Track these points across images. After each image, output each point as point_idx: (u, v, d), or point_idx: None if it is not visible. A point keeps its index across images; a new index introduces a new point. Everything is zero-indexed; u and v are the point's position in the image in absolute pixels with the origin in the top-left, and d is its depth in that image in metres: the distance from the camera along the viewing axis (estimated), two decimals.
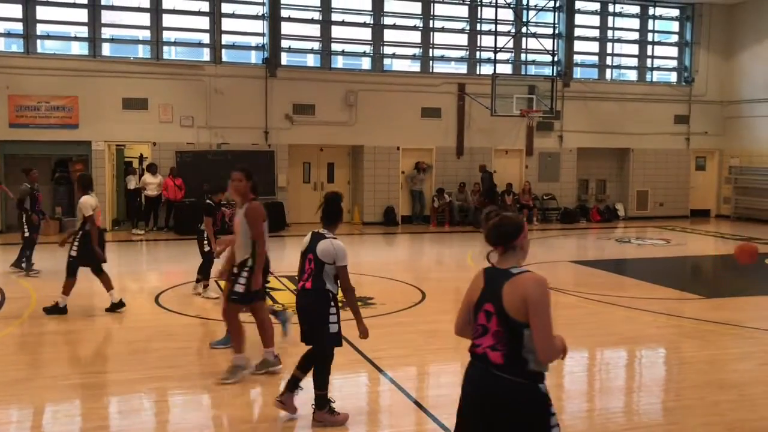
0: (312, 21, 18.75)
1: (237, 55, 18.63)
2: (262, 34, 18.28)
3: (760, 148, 20.60)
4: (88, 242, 8.56)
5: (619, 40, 21.53)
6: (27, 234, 11.17)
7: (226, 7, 17.94)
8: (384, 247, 16.41)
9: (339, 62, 19.50)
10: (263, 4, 18.13)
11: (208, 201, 9.47)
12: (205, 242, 9.54)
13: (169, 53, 18.40)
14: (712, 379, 6.51)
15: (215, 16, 17.78)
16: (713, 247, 16.52)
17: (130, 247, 15.34)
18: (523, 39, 20.03)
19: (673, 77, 22.06)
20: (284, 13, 18.33)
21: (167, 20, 17.61)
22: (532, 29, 19.87)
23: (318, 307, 5.36)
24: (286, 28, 18.42)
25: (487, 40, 19.73)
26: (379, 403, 5.98)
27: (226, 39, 18.11)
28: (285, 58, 18.67)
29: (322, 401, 5.27)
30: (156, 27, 17.48)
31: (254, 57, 18.68)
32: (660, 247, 15.64)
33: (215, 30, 17.82)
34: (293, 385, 5.40)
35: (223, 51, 18.07)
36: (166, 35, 17.84)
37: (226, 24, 18.02)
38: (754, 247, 6.34)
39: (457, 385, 6.31)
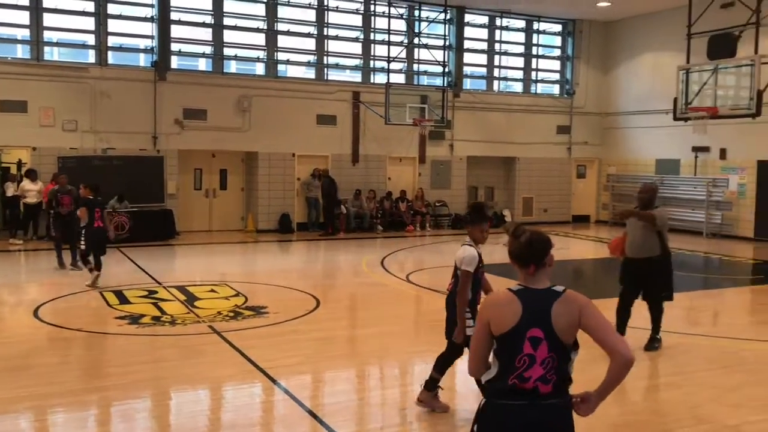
0: (203, 24, 18.40)
1: (124, 58, 17.99)
2: (151, 37, 17.75)
3: (635, 157, 21.98)
4: None
5: (506, 53, 22.41)
6: None
7: (112, 8, 17.29)
8: (279, 254, 16.30)
9: (232, 67, 19.23)
10: (152, 6, 17.62)
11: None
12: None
13: (51, 54, 17.52)
14: (588, 377, 6.88)
15: (101, 16, 17.10)
16: (593, 251, 17.46)
17: (7, 258, 14.47)
18: (416, 49, 20.48)
19: (555, 89, 23.18)
20: (174, 16, 17.87)
21: (49, 20, 16.77)
22: (424, 40, 20.35)
23: (452, 307, 5.67)
24: (176, 31, 17.96)
25: (380, 50, 20.03)
26: (273, 414, 5.96)
27: (112, 41, 17.45)
28: (175, 62, 18.20)
29: (433, 384, 5.66)
30: (36, 26, 16.60)
31: (143, 60, 18.11)
32: None
33: (101, 31, 17.13)
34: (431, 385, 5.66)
35: (110, 53, 17.41)
36: (48, 35, 16.97)
37: (113, 25, 17.37)
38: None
39: (351, 392, 6.42)
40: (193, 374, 6.83)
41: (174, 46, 17.99)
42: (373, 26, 20.19)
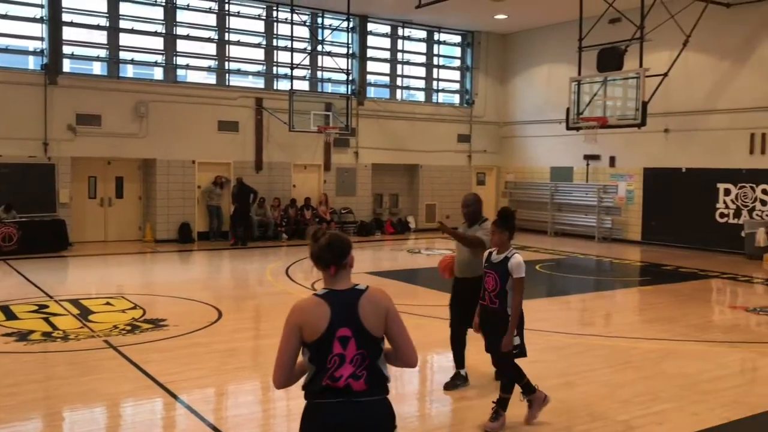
0: (98, 27, 17.70)
1: (11, 60, 17.05)
2: (41, 39, 16.91)
3: (531, 165, 22.82)
4: None
5: (408, 63, 22.78)
6: None
7: None
8: (179, 265, 15.85)
9: (129, 71, 18.58)
10: (42, 6, 16.79)
11: None
12: None
13: None
14: (492, 377, 7.08)
15: None
16: None
17: None
18: (319, 57, 20.48)
19: (456, 99, 23.75)
20: (66, 18, 17.10)
21: None
22: (327, 48, 20.38)
23: (496, 319, 5.71)
24: (68, 33, 17.19)
25: (283, 56, 19.90)
26: (174, 430, 5.78)
27: None
28: (68, 65, 17.41)
29: (504, 404, 5.61)
30: None
31: (32, 62, 17.21)
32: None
33: None
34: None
35: None
36: None
37: None
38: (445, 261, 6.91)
39: (255, 404, 6.32)
40: (88, 392, 6.53)
41: (66, 49, 17.20)
42: (275, 32, 20.03)
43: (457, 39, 23.49)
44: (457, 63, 23.72)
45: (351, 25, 20.57)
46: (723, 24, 17.12)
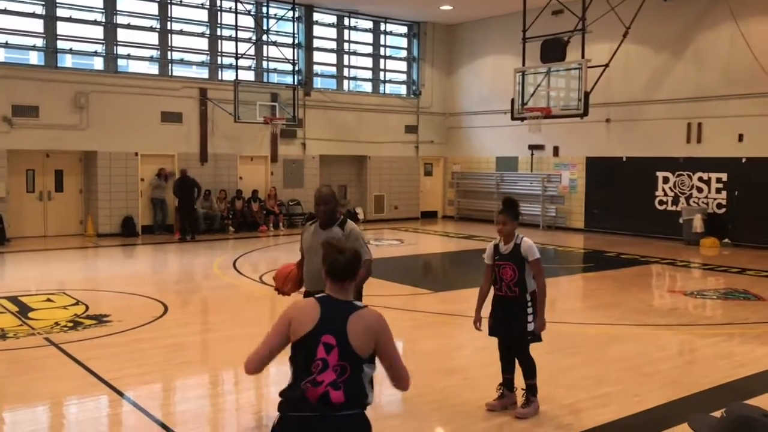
0: (34, 15, 17.09)
1: None
2: None
3: (478, 156, 23.06)
4: None
5: (355, 53, 22.71)
6: None
7: None
8: (122, 259, 15.49)
9: (67, 61, 18.02)
10: None
11: None
12: None
13: None
14: (442, 366, 7.17)
15: None
16: (440, 245, 18.13)
17: None
18: (265, 47, 20.25)
19: (403, 90, 23.81)
20: (0, 5, 16.51)
21: None
22: (273, 38, 20.15)
23: (517, 305, 5.75)
24: (2, 21, 16.57)
25: (228, 46, 19.60)
26: (120, 427, 5.67)
27: None
28: (2, 55, 16.78)
29: (533, 390, 5.71)
30: None
31: None
32: (395, 247, 16.80)
33: None
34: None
35: None
36: None
37: None
38: (283, 273, 5.96)
39: (203, 398, 6.25)
40: (28, 391, 6.35)
41: (0, 38, 16.57)
42: (219, 22, 19.70)
43: (404, 30, 23.52)
44: (403, 54, 23.76)
45: (296, 14, 20.38)
46: (661, 16, 17.60)
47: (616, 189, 19.03)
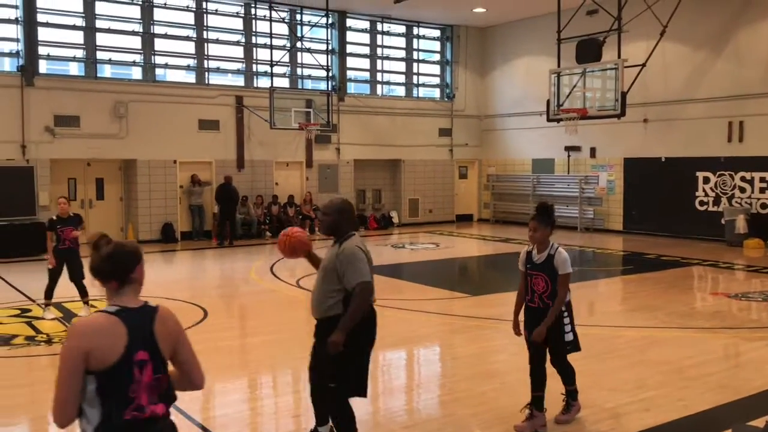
0: (74, 27, 17.50)
1: None
2: (16, 40, 16.69)
3: (513, 158, 22.91)
4: None
5: (388, 58, 22.76)
6: None
7: None
8: (162, 265, 15.72)
9: (106, 71, 18.39)
10: (16, 7, 16.57)
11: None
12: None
13: None
14: (479, 371, 7.13)
15: None
16: (476, 249, 18.04)
17: None
18: (299, 53, 20.41)
19: (436, 93, 23.77)
20: (42, 18, 16.90)
21: None
22: (307, 44, 20.31)
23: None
24: (44, 33, 16.99)
25: (263, 54, 19.80)
26: None
27: None
28: (44, 66, 17.20)
29: (574, 395, 5.62)
30: None
31: (8, 64, 16.99)
32: (431, 251, 16.75)
33: None
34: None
35: None
36: None
37: None
38: (288, 240, 5.33)
39: (242, 402, 6.31)
40: None
41: (42, 50, 17.00)
42: (254, 30, 19.93)
43: (437, 33, 23.50)
44: (436, 57, 23.73)
45: (330, 21, 20.51)
46: (699, 14, 17.28)
47: (655, 190, 18.73)
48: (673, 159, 18.32)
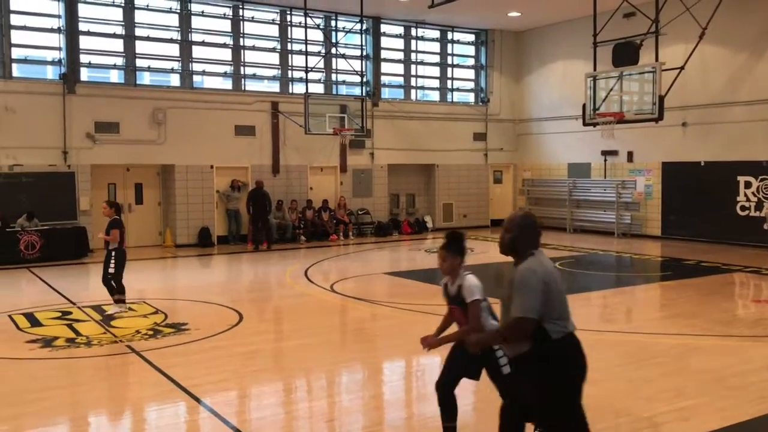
0: (114, 36, 17.86)
1: (30, 70, 17.27)
2: (59, 48, 17.11)
3: (549, 162, 22.70)
4: None
5: (422, 63, 22.76)
6: None
7: (16, 19, 16.57)
8: (199, 269, 15.94)
9: (145, 78, 18.73)
10: (59, 17, 16.98)
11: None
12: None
13: None
14: None
15: (4, 28, 16.35)
16: None
17: None
18: (333, 59, 20.54)
19: (471, 98, 23.69)
20: (83, 27, 17.29)
21: None
22: (341, 50, 20.42)
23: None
24: (85, 42, 17.38)
25: (298, 60, 19.97)
26: None
27: (17, 53, 16.70)
28: (85, 74, 17.59)
29: None
30: None
31: (50, 72, 17.42)
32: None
33: (4, 43, 16.38)
34: None
35: (14, 65, 16.67)
36: None
37: (17, 37, 16.64)
38: None
39: (277, 405, 6.35)
40: (112, 397, 6.60)
41: (83, 58, 17.39)
42: (289, 36, 20.11)
43: (471, 38, 23.43)
44: (471, 62, 23.66)
45: (364, 26, 20.59)
46: (739, 15, 16.93)
47: (695, 194, 18.37)
48: (712, 163, 17.96)
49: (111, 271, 9.96)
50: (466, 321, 4.83)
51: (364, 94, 19.96)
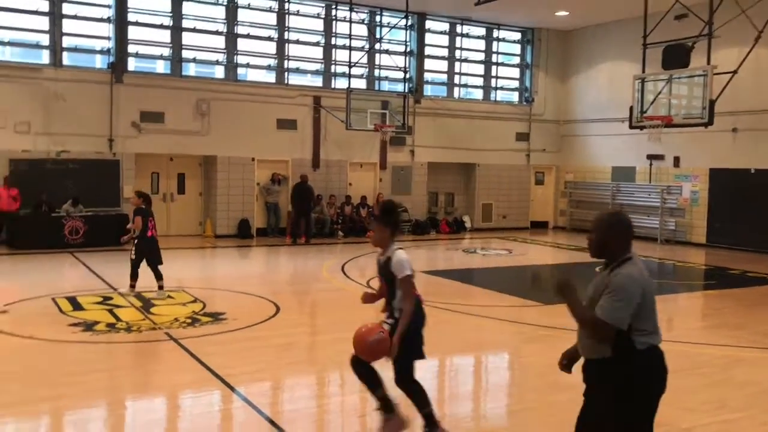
0: (162, 27, 18.12)
1: (80, 59, 17.61)
2: (108, 38, 17.42)
3: (592, 165, 22.34)
4: None
5: (466, 60, 22.58)
6: None
7: (67, 8, 16.92)
8: (238, 260, 16.10)
9: (191, 69, 18.96)
10: (109, 6, 17.29)
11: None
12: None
13: (3, 53, 17.07)
14: (550, 381, 6.95)
15: (55, 16, 16.72)
16: (551, 257, 17.67)
17: None
18: (377, 55, 20.51)
19: (515, 97, 23.44)
20: (132, 17, 17.58)
21: (0, 18, 16.33)
22: (385, 46, 20.38)
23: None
24: (133, 32, 17.66)
25: (341, 55, 19.99)
26: (231, 422, 5.86)
27: (67, 41, 17.06)
28: (132, 64, 17.89)
29: (430, 419, 5.09)
30: None
31: (99, 61, 17.75)
32: (504, 257, 16.52)
33: (55, 31, 16.75)
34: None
35: (65, 54, 17.03)
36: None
37: (68, 26, 16.99)
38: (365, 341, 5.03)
39: (310, 398, 6.36)
40: (149, 382, 6.69)
41: (131, 48, 17.68)
42: (334, 31, 20.15)
43: (517, 36, 23.18)
44: (516, 60, 23.40)
45: (409, 22, 20.52)
46: None
47: (743, 202, 17.88)
48: (763, 171, 17.45)
49: (132, 257, 10.33)
50: (387, 292, 4.94)
51: (406, 91, 19.91)
